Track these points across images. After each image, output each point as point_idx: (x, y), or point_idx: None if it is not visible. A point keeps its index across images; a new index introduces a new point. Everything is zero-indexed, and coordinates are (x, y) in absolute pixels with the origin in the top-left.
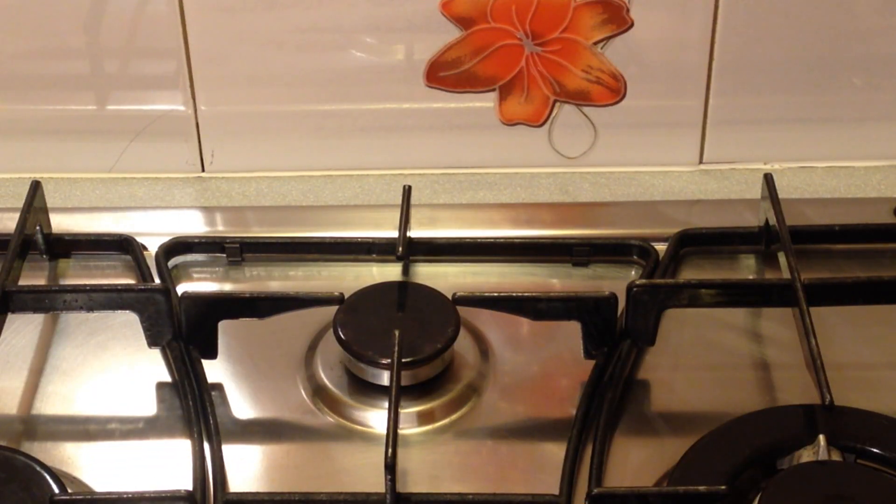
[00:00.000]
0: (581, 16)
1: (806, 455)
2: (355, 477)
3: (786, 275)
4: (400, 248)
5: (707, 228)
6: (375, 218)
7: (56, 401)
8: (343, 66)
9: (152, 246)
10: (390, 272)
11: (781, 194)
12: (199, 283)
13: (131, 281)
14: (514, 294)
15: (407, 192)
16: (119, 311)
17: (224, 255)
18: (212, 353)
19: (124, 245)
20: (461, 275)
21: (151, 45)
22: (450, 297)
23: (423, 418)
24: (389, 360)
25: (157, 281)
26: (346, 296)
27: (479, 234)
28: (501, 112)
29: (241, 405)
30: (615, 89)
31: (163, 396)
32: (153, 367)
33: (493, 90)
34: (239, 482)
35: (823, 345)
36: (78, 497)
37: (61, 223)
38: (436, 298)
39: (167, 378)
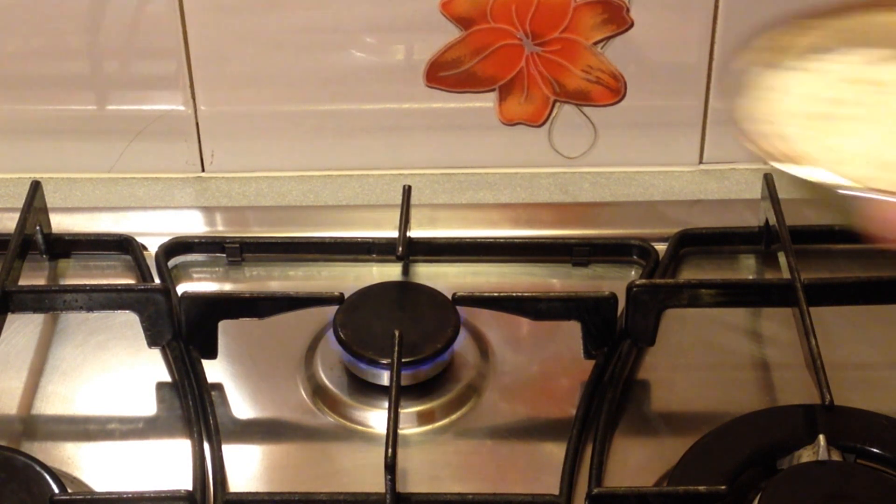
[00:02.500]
0: (581, 16)
1: (806, 455)
2: (355, 477)
3: (786, 275)
4: (400, 248)
5: (707, 228)
6: (375, 218)
7: (56, 401)
8: (343, 66)
9: (152, 246)
10: (390, 272)
11: (781, 194)
12: (199, 283)
13: (131, 281)
14: (514, 294)
15: (407, 192)
16: (119, 311)
17: (224, 255)
18: (212, 353)
19: (124, 245)
20: (461, 275)
21: (151, 45)
22: (450, 297)
23: (423, 418)
24: (389, 360)
25: (157, 281)
26: (346, 296)
27: (479, 234)
28: (501, 112)
29: (241, 405)
30: (615, 89)
31: (163, 396)
32: (153, 367)
33: (493, 90)
34: (239, 482)
35: (823, 345)
36: (78, 497)
37: (61, 223)
38: (436, 298)
39: (167, 378)
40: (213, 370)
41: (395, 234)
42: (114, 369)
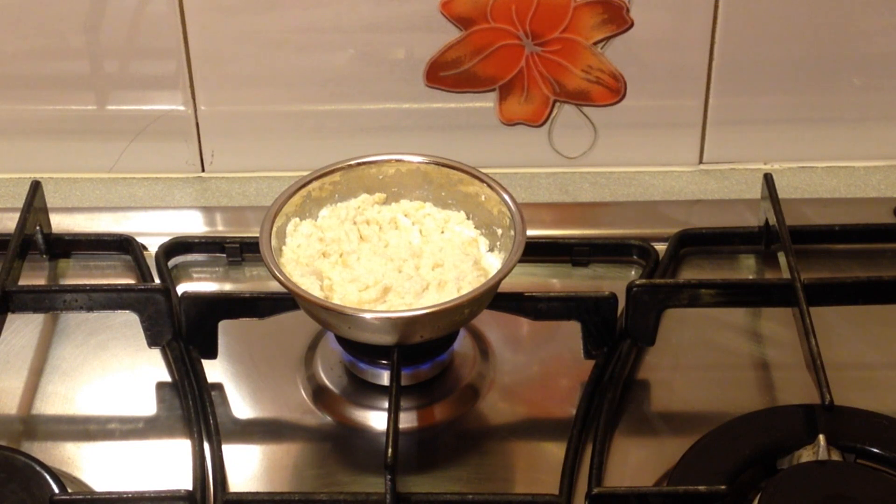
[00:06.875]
0: (581, 16)
1: (806, 455)
2: (355, 477)
3: (786, 275)
4: None
5: (707, 228)
6: None
7: (56, 401)
8: (343, 66)
9: (152, 246)
10: None
11: (781, 194)
12: (199, 283)
13: (131, 281)
14: (514, 294)
15: None
16: (119, 311)
17: (224, 255)
18: (212, 353)
19: (124, 245)
20: None
21: (151, 45)
22: None
23: (423, 418)
24: (389, 361)
25: (157, 281)
26: None
27: None
28: (501, 112)
29: (241, 405)
30: (615, 89)
31: (163, 396)
32: (153, 367)
33: (493, 90)
34: (239, 482)
35: (823, 345)
36: (78, 497)
37: (61, 223)
38: None
39: (167, 378)
40: (213, 370)
41: None
42: (114, 369)
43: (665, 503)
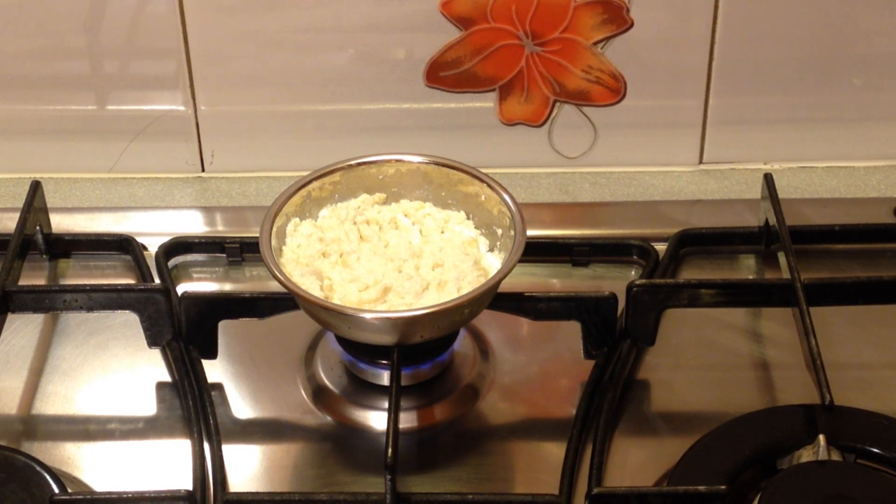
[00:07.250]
0: (581, 16)
1: (806, 455)
2: (355, 477)
3: (786, 275)
4: None
5: (707, 228)
6: None
7: (56, 401)
8: (343, 66)
9: (152, 246)
10: None
11: (781, 194)
12: (199, 283)
13: (131, 281)
14: (514, 294)
15: None
16: (119, 311)
17: (224, 255)
18: (212, 353)
19: (124, 245)
20: None
21: (151, 45)
22: None
23: (423, 418)
24: (389, 360)
25: (157, 281)
26: None
27: None
28: (501, 112)
29: (241, 405)
30: (615, 89)
31: (163, 396)
32: (153, 367)
33: (493, 90)
34: (239, 482)
35: (823, 345)
36: (78, 497)
37: (61, 223)
38: None
39: (167, 378)
40: (213, 370)
41: None
42: (114, 369)
43: (665, 503)
